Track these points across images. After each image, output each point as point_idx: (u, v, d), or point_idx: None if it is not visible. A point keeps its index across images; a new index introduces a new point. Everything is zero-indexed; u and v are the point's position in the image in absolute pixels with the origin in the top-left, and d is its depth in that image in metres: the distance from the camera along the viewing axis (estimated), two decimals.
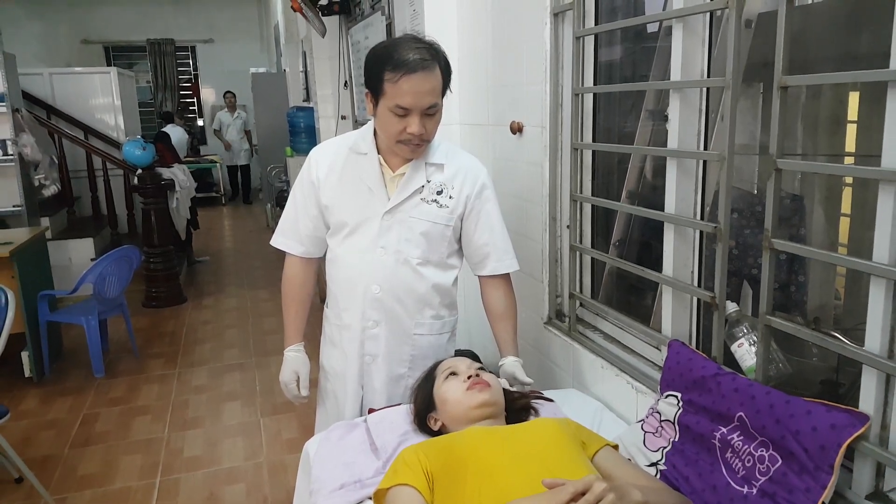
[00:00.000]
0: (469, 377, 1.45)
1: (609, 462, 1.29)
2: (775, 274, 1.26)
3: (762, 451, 1.17)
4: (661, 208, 1.60)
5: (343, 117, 4.47)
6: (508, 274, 1.75)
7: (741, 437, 1.23)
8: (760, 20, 1.55)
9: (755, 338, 1.36)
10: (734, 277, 1.64)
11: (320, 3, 3.91)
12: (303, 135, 5.68)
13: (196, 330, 4.59)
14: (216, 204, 10.25)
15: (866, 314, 1.10)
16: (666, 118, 1.59)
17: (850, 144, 1.70)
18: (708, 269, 1.54)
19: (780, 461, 1.14)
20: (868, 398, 1.11)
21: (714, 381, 1.32)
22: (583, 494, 1.01)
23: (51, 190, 5.04)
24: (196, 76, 11.30)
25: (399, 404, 1.67)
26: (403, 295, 1.68)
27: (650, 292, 1.94)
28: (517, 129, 2.18)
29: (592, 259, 2.01)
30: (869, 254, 1.09)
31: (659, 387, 1.51)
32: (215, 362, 4.00)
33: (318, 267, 1.84)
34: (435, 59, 1.49)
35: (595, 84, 1.91)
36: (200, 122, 11.37)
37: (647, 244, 1.97)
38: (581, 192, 1.93)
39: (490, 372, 1.53)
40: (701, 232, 1.55)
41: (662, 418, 1.44)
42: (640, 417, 1.54)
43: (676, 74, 1.52)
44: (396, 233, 1.64)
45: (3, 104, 4.67)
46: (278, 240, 1.80)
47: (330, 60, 4.50)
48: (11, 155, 4.72)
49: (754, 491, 1.17)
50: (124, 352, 4.14)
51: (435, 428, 1.50)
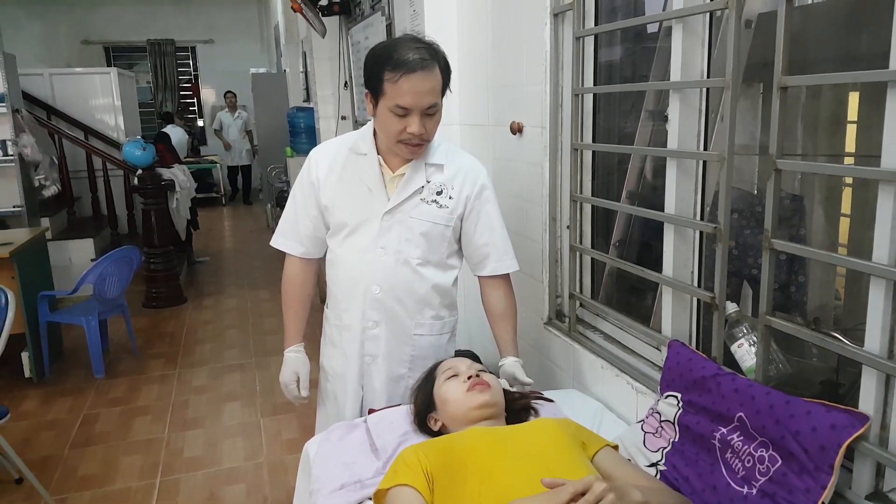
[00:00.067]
0: (469, 378, 1.45)
1: (609, 462, 1.29)
2: (775, 274, 1.26)
3: (762, 452, 1.17)
4: (661, 209, 1.60)
5: (343, 118, 4.47)
6: (508, 274, 1.76)
7: (741, 438, 1.23)
8: (760, 20, 1.55)
9: (755, 338, 1.36)
10: (734, 278, 1.64)
11: (320, 4, 3.91)
12: (303, 135, 5.69)
13: (196, 330, 4.59)
14: (216, 204, 10.25)
15: (866, 314, 1.10)
16: (666, 118, 1.59)
17: (850, 145, 1.70)
18: (708, 270, 1.54)
19: (780, 461, 1.14)
20: (868, 398, 1.11)
21: (714, 382, 1.32)
22: (582, 494, 1.01)
23: (51, 190, 5.04)
24: (196, 76, 11.31)
25: (399, 405, 1.67)
26: (403, 295, 1.68)
27: (650, 293, 1.94)
28: (517, 130, 2.18)
29: (592, 259, 2.01)
30: (869, 254, 1.09)
31: (659, 387, 1.51)
32: (215, 363, 4.00)
33: (319, 267, 1.85)
34: (434, 59, 1.50)
35: (595, 84, 1.91)
36: (200, 123, 11.38)
37: (647, 244, 1.97)
38: (581, 193, 1.93)
39: (490, 372, 1.53)
40: (701, 232, 1.55)
41: (662, 419, 1.44)
42: (640, 418, 1.54)
43: (676, 75, 1.52)
44: (396, 233, 1.64)
45: (4, 104, 4.67)
46: (278, 240, 1.80)
47: (330, 61, 4.50)
48: (11, 155, 4.72)
49: (754, 491, 1.17)
50: (124, 352, 4.14)
51: (435, 428, 1.50)
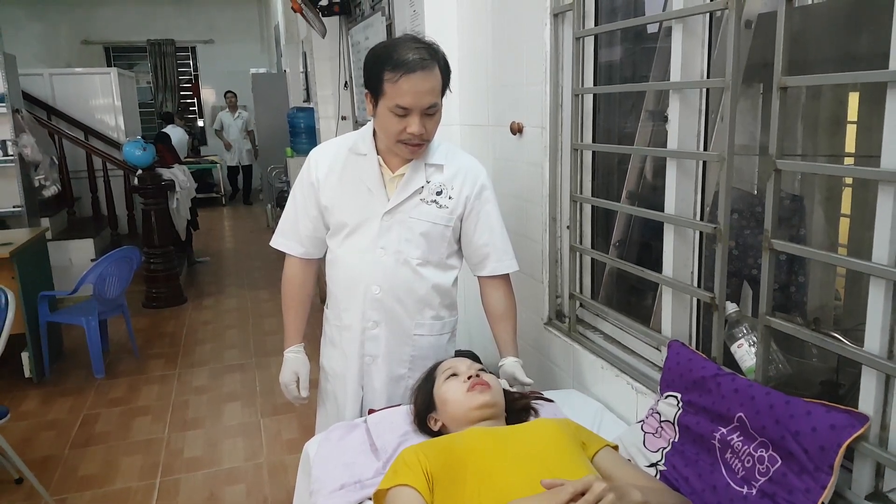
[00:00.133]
0: (469, 378, 1.45)
1: (609, 462, 1.29)
2: (775, 274, 1.26)
3: (762, 452, 1.17)
4: (661, 209, 1.60)
5: (343, 118, 4.47)
6: (508, 274, 1.76)
7: (741, 438, 1.23)
8: (760, 21, 1.55)
9: (755, 338, 1.36)
10: (734, 278, 1.64)
11: (320, 4, 3.91)
12: (303, 135, 5.70)
13: (196, 330, 4.59)
14: (216, 204, 10.25)
15: (866, 315, 1.10)
16: (666, 119, 1.59)
17: (850, 145, 1.70)
18: (708, 270, 1.54)
19: (780, 462, 1.14)
20: (868, 399, 1.11)
21: (714, 382, 1.32)
22: (582, 494, 1.01)
23: (51, 190, 5.04)
24: (196, 77, 11.31)
25: (399, 405, 1.67)
26: (403, 295, 1.68)
27: (650, 293, 1.94)
28: (517, 130, 2.18)
29: (592, 259, 2.01)
30: (869, 254, 1.09)
31: (659, 387, 1.51)
32: (215, 363, 4.00)
33: (318, 268, 1.85)
34: (434, 59, 1.50)
35: (595, 85, 1.91)
36: (201, 123, 11.38)
37: (647, 245, 1.97)
38: (581, 193, 1.93)
39: (490, 373, 1.53)
40: (701, 232, 1.55)
41: (662, 419, 1.44)
42: (640, 418, 1.54)
43: (676, 75, 1.52)
44: (396, 233, 1.64)
45: (4, 105, 4.67)
46: (278, 240, 1.80)
47: (330, 61, 4.50)
48: (12, 155, 4.72)
49: (754, 491, 1.17)
50: (124, 352, 4.14)
51: (435, 428, 1.50)
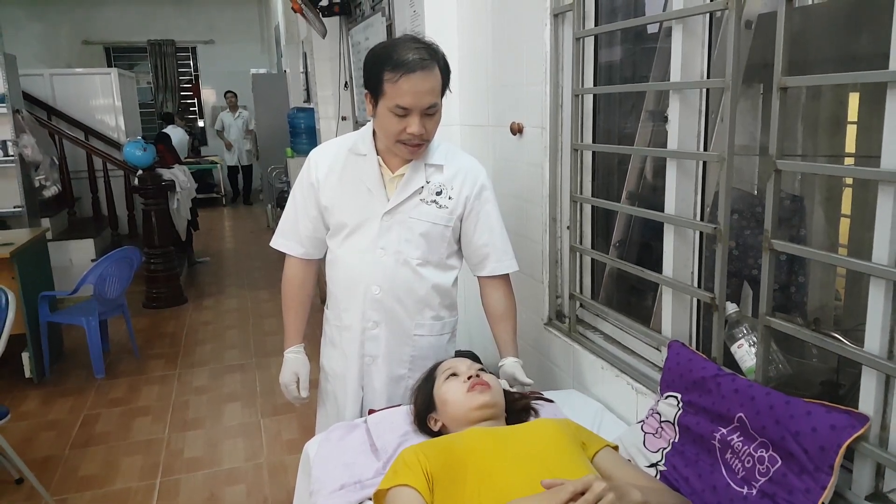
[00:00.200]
0: (469, 378, 1.45)
1: (609, 463, 1.29)
2: (775, 275, 1.26)
3: (762, 452, 1.17)
4: (661, 209, 1.60)
5: (343, 118, 4.47)
6: (508, 275, 1.76)
7: (741, 438, 1.23)
8: (760, 21, 1.55)
9: (755, 339, 1.36)
10: (734, 278, 1.64)
11: (321, 4, 3.91)
12: (303, 136, 5.70)
13: (196, 331, 4.59)
14: (217, 205, 10.26)
15: (866, 315, 1.10)
16: (666, 119, 1.59)
17: (850, 145, 1.70)
18: (708, 270, 1.54)
19: (780, 462, 1.14)
20: (868, 399, 1.11)
21: (714, 382, 1.32)
22: (582, 494, 1.01)
23: (51, 191, 5.04)
24: (197, 77, 11.31)
25: (399, 405, 1.67)
26: (403, 296, 1.68)
27: (650, 293, 1.94)
28: (517, 130, 2.18)
29: (592, 260, 2.01)
30: (869, 254, 1.09)
31: (659, 388, 1.51)
32: (216, 363, 4.00)
33: (319, 268, 1.85)
34: (434, 59, 1.50)
35: (595, 85, 1.91)
36: (201, 123, 11.38)
37: (648, 245, 1.97)
38: (581, 193, 1.93)
39: (490, 373, 1.53)
40: (701, 233, 1.55)
41: (662, 419, 1.44)
42: (640, 418, 1.54)
43: (676, 75, 1.52)
44: (396, 233, 1.65)
45: (4, 105, 4.67)
46: (278, 241, 1.80)
47: (330, 61, 4.50)
48: (12, 156, 4.73)
49: (754, 492, 1.17)
50: (125, 353, 4.14)
51: (435, 428, 1.50)
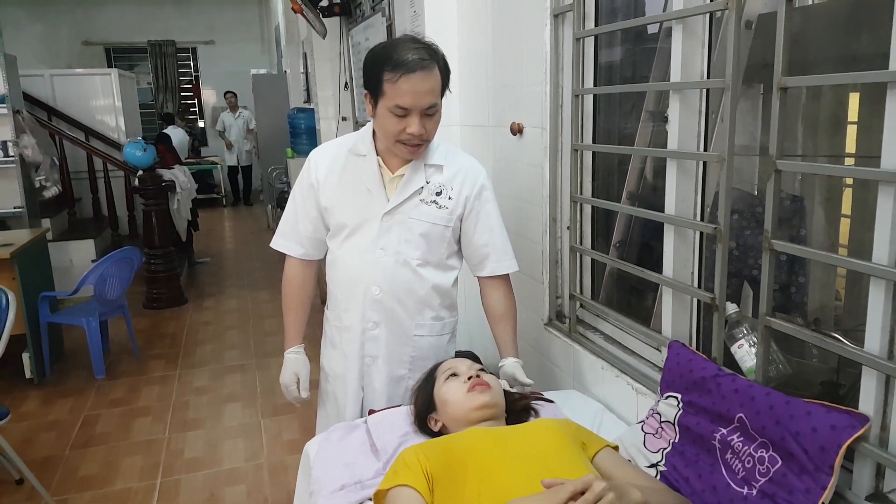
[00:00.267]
0: (469, 378, 1.45)
1: (609, 463, 1.29)
2: (775, 275, 1.26)
3: (762, 452, 1.17)
4: (662, 209, 1.60)
5: (344, 119, 4.47)
6: (508, 275, 1.76)
7: (741, 438, 1.23)
8: (760, 21, 1.55)
9: (755, 339, 1.36)
10: (734, 278, 1.64)
11: (321, 5, 3.91)
12: (303, 136, 5.70)
13: (197, 331, 4.59)
14: (217, 205, 10.26)
15: (866, 315, 1.10)
16: (666, 119, 1.59)
17: (850, 145, 1.70)
18: (708, 270, 1.54)
19: (780, 462, 1.14)
20: (868, 399, 1.11)
21: (714, 383, 1.32)
22: (582, 493, 1.01)
23: (51, 191, 5.04)
24: (197, 77, 11.31)
25: (399, 405, 1.67)
26: (403, 296, 1.68)
27: (650, 293, 1.94)
28: (517, 131, 2.18)
29: (593, 260, 2.01)
30: (869, 255, 1.09)
31: (659, 388, 1.51)
32: (216, 363, 4.00)
33: (319, 269, 1.85)
34: (433, 59, 1.50)
35: (595, 85, 1.91)
36: (201, 124, 11.38)
37: (648, 245, 1.97)
38: (581, 194, 1.93)
39: (490, 373, 1.53)
40: (701, 233, 1.55)
41: (662, 419, 1.44)
42: (641, 418, 1.54)
43: (676, 76, 1.52)
44: (396, 234, 1.65)
45: (4, 105, 4.67)
46: (278, 242, 1.80)
47: (330, 62, 4.50)
48: (12, 156, 4.73)
49: (754, 492, 1.16)
50: (125, 353, 4.14)
51: (435, 429, 1.50)
